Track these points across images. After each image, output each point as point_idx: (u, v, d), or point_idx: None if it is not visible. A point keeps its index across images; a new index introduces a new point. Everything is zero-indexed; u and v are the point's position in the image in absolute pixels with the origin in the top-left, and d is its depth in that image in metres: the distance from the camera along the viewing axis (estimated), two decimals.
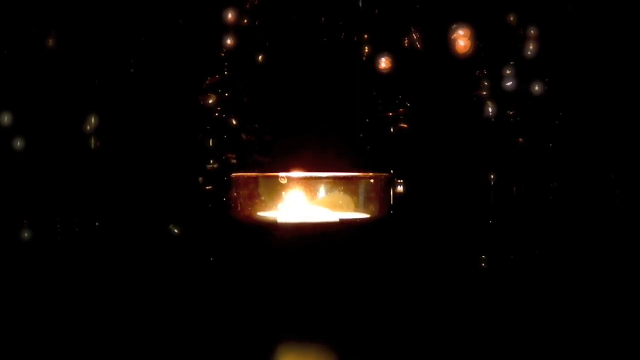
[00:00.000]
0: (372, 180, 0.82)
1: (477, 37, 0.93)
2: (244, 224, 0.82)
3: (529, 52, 0.94)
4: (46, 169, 0.95)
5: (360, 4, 0.95)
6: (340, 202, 0.81)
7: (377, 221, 0.82)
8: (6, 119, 0.94)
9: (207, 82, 0.96)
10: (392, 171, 0.94)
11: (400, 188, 0.95)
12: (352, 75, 0.96)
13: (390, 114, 0.96)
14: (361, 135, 0.97)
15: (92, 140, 0.95)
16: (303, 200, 0.80)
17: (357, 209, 0.82)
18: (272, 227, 0.78)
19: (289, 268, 0.77)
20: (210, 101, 0.96)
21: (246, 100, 0.97)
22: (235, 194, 0.83)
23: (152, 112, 0.96)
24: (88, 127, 0.95)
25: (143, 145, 0.96)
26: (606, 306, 0.82)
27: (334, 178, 0.81)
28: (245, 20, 0.95)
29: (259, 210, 0.81)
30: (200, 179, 0.96)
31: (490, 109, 0.94)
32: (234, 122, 0.96)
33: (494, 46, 0.94)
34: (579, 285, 0.90)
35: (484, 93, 0.94)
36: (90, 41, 0.95)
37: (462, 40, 0.93)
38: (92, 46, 0.95)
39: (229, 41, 0.95)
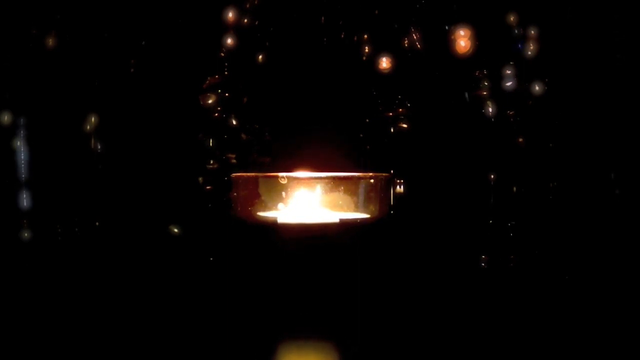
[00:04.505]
0: (372, 180, 0.82)
1: (477, 37, 0.93)
2: (243, 225, 0.82)
3: (529, 52, 0.94)
4: (46, 169, 0.95)
5: (360, 4, 0.95)
6: (340, 202, 0.81)
7: (377, 221, 0.82)
8: (6, 118, 0.94)
9: (207, 82, 0.96)
10: (392, 171, 0.94)
11: (400, 188, 0.95)
12: (352, 75, 0.96)
13: (390, 114, 0.96)
14: (361, 135, 0.97)
15: (92, 140, 0.95)
16: (303, 201, 0.80)
17: (357, 209, 0.82)
18: (272, 228, 0.78)
19: (289, 268, 0.77)
20: (210, 101, 0.96)
21: (246, 100, 0.97)
22: (235, 194, 0.83)
23: (152, 112, 0.96)
24: (88, 127, 0.95)
25: (143, 145, 0.96)
26: (606, 306, 0.82)
27: (334, 178, 0.81)
28: (245, 20, 0.95)
29: (259, 211, 0.81)
30: (200, 179, 0.96)
31: (490, 109, 0.94)
32: (234, 122, 0.96)
33: (494, 46, 0.94)
34: (579, 285, 0.90)
35: (484, 93, 0.94)
36: (90, 41, 0.95)
37: (462, 40, 0.93)
38: (92, 46, 0.95)
39: (229, 41, 0.95)
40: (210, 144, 0.96)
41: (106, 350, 0.70)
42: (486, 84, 0.94)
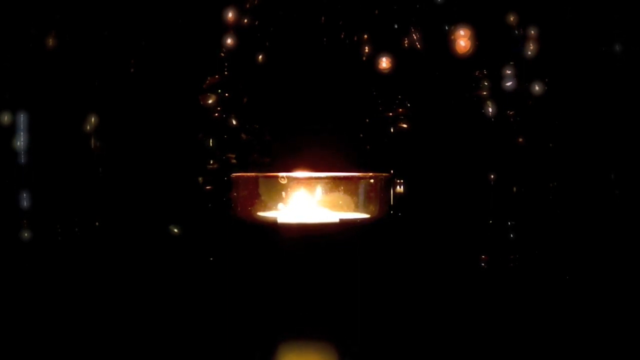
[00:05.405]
0: (372, 180, 0.82)
1: (477, 37, 0.94)
2: (243, 225, 0.82)
3: (529, 52, 0.94)
4: (46, 169, 0.95)
5: (360, 4, 0.95)
6: (340, 202, 0.81)
7: (377, 221, 0.82)
8: (6, 118, 0.94)
9: (207, 82, 0.96)
10: (392, 171, 0.94)
11: (400, 188, 0.95)
12: (352, 75, 0.96)
13: (390, 114, 0.96)
14: (361, 135, 0.97)
15: (92, 140, 0.95)
16: (303, 201, 0.80)
17: (357, 209, 0.82)
18: (272, 228, 0.78)
19: (289, 269, 0.77)
20: (210, 101, 0.96)
21: (246, 100, 0.97)
22: (235, 194, 0.83)
23: (152, 112, 0.96)
24: (88, 127, 0.95)
25: (143, 145, 0.96)
26: (606, 306, 0.82)
27: (334, 178, 0.81)
28: (245, 20, 0.96)
29: (259, 211, 0.81)
30: (200, 179, 0.96)
31: (490, 109, 0.94)
32: (234, 122, 0.96)
33: (494, 46, 0.94)
34: (579, 285, 0.90)
35: (484, 93, 0.94)
36: (90, 41, 0.95)
37: (462, 40, 0.93)
38: (92, 46, 0.95)
39: (229, 41, 0.95)
40: (210, 144, 0.96)
41: (106, 350, 0.70)
42: (486, 84, 0.94)
